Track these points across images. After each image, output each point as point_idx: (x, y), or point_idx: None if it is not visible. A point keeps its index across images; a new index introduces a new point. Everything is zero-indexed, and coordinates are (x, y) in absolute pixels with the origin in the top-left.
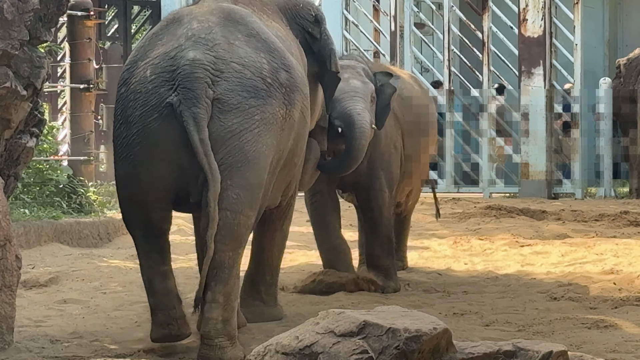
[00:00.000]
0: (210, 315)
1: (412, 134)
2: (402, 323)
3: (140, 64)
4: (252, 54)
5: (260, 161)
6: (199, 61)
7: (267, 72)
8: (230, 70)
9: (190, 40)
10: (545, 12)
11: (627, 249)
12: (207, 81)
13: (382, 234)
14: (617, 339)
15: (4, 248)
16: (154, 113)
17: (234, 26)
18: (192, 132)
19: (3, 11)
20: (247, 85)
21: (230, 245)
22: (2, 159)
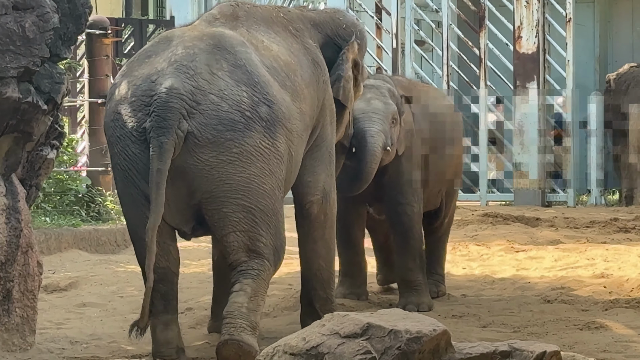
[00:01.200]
0: (236, 300)
1: (440, 149)
2: (404, 325)
3: (125, 81)
4: (232, 86)
5: (251, 187)
6: (176, 90)
7: (246, 105)
8: (208, 102)
9: (172, 67)
10: (538, 29)
11: (617, 254)
12: (182, 112)
13: (414, 247)
14: (608, 340)
15: (26, 254)
16: (132, 136)
17: (221, 54)
18: (154, 160)
19: (25, 30)
20: (223, 118)
21: (251, 256)
22: (24, 170)
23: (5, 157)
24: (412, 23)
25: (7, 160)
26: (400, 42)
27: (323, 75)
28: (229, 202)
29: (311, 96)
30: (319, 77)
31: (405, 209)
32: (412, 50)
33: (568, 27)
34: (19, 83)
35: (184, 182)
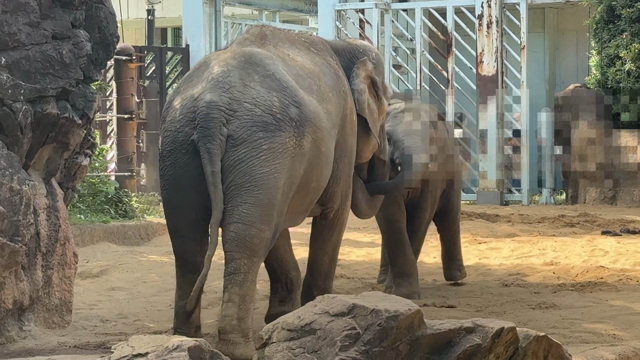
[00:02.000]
0: (227, 313)
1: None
2: (384, 305)
3: (173, 104)
4: (264, 93)
5: (269, 182)
6: (214, 103)
7: (277, 108)
8: (243, 109)
9: (210, 83)
10: (497, 55)
11: (564, 245)
12: (222, 120)
13: (416, 245)
14: (556, 317)
15: (64, 246)
16: (181, 149)
17: (252, 68)
18: (206, 165)
19: (62, 56)
20: (257, 121)
21: (245, 254)
22: (62, 175)
23: (46, 164)
24: (391, 50)
25: (48, 166)
26: None
27: (343, 86)
28: (245, 193)
29: (335, 100)
30: (340, 87)
31: (421, 213)
32: (390, 73)
33: (522, 53)
34: (58, 101)
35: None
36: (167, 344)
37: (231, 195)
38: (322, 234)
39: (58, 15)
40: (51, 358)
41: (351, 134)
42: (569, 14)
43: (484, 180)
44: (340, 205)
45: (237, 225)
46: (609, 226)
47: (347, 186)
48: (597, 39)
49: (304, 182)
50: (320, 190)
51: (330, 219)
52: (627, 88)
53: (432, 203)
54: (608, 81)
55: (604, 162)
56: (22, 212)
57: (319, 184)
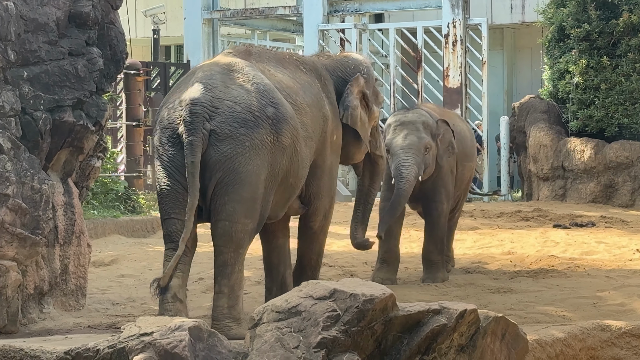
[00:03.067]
0: (218, 304)
1: (463, 160)
2: (361, 290)
3: (165, 106)
4: (244, 94)
5: (252, 179)
6: (197, 100)
7: (255, 107)
8: (224, 106)
9: (194, 86)
10: (461, 70)
11: (520, 237)
12: (204, 116)
13: (438, 236)
14: (513, 301)
15: (79, 238)
16: (169, 141)
17: (234, 73)
18: (187, 155)
19: (78, 70)
20: (237, 117)
21: (231, 248)
22: (77, 175)
23: (63, 165)
24: None
25: (65, 168)
26: None
27: (324, 108)
28: (232, 192)
29: (313, 115)
30: (320, 107)
31: (437, 205)
32: None
33: (484, 68)
34: (73, 110)
35: (207, 172)
36: (170, 324)
37: (219, 193)
38: (309, 237)
39: (74, 34)
40: (68, 337)
41: (332, 153)
42: (525, 33)
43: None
44: (323, 217)
45: (224, 222)
46: (559, 220)
47: (328, 201)
48: (549, 56)
49: (284, 176)
50: (297, 189)
51: (316, 229)
52: (575, 99)
53: (447, 196)
54: (559, 93)
55: (555, 164)
56: (42, 208)
57: (296, 182)
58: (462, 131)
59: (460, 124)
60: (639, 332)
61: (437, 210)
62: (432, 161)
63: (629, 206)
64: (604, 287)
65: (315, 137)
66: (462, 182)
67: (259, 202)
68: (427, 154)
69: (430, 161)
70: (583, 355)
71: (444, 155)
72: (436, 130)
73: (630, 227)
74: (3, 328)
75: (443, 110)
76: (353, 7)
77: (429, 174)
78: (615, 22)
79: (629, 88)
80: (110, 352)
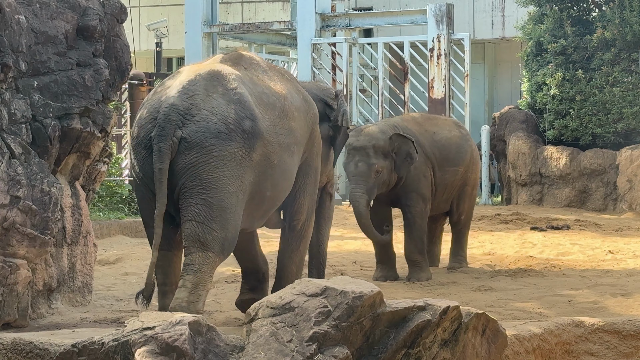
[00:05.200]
0: (178, 296)
1: (444, 166)
2: (351, 287)
3: (146, 104)
4: (223, 104)
5: (217, 186)
6: (175, 106)
7: (231, 119)
8: (200, 115)
9: (176, 89)
10: (445, 82)
11: (500, 238)
12: (177, 123)
13: (415, 236)
14: (493, 298)
15: (86, 238)
16: (142, 144)
17: (218, 81)
18: (155, 162)
19: (85, 80)
20: (211, 128)
21: (198, 248)
22: (84, 179)
23: (71, 169)
24: (357, 77)
25: (72, 172)
26: (349, 90)
27: (312, 110)
28: (196, 195)
29: (302, 119)
30: (308, 110)
31: (409, 208)
32: (357, 96)
33: (466, 80)
34: (81, 118)
35: (174, 178)
36: (171, 319)
37: (184, 197)
38: (290, 245)
39: (81, 46)
40: (75, 331)
41: (318, 155)
42: (505, 47)
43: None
44: (307, 217)
45: (190, 223)
46: (536, 223)
47: (312, 201)
48: (527, 69)
49: (256, 190)
50: (278, 200)
51: (298, 230)
52: (552, 109)
53: (420, 199)
54: (536, 104)
55: (533, 170)
56: (51, 209)
57: (276, 194)
58: (442, 139)
59: (444, 131)
60: (611, 328)
61: (411, 213)
62: (388, 177)
63: (601, 210)
64: (578, 285)
65: (303, 140)
66: (451, 187)
67: (229, 212)
68: (378, 176)
69: (386, 178)
70: (558, 350)
71: (402, 166)
72: (389, 146)
73: (603, 230)
74: (14, 322)
75: (428, 118)
76: (344, 22)
77: (390, 187)
78: (589, 37)
79: (602, 100)
80: (114, 345)
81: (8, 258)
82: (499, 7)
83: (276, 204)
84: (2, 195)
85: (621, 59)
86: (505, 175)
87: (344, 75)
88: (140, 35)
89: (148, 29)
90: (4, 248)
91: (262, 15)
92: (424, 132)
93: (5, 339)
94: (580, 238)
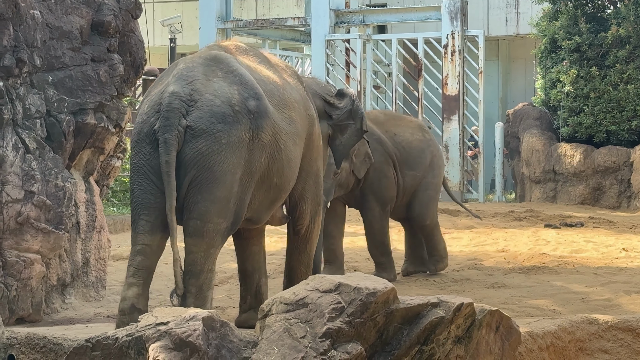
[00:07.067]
0: (184, 304)
1: (403, 169)
2: (364, 283)
3: (146, 99)
4: (225, 87)
5: (226, 178)
6: (176, 93)
7: (236, 100)
8: (203, 100)
9: (175, 77)
10: (459, 78)
11: (513, 235)
12: (182, 111)
13: (374, 239)
14: (506, 295)
15: (100, 233)
16: (146, 138)
17: (216, 65)
18: (162, 154)
19: (99, 76)
20: (216, 112)
21: (202, 247)
22: (98, 174)
23: (85, 165)
24: (371, 73)
25: (87, 167)
26: (362, 87)
27: (310, 110)
28: (205, 190)
29: (300, 112)
30: (307, 108)
31: (367, 212)
32: (371, 92)
33: (480, 77)
34: (95, 113)
35: (182, 169)
36: (184, 315)
37: (192, 192)
38: (297, 248)
39: (96, 42)
40: (88, 325)
41: (318, 158)
42: (519, 44)
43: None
44: (311, 221)
45: (196, 221)
46: (550, 220)
47: (316, 205)
48: (541, 66)
49: (265, 175)
50: (283, 190)
51: (302, 234)
52: (566, 106)
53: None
54: (550, 101)
55: (547, 167)
56: (65, 204)
57: (282, 183)
58: (402, 141)
59: (406, 133)
60: (624, 326)
61: (368, 216)
62: (347, 178)
63: (615, 208)
64: (592, 283)
65: (303, 135)
66: (409, 192)
67: (233, 202)
68: (336, 176)
69: (345, 179)
70: (572, 347)
71: (362, 167)
72: None
73: (617, 227)
74: (28, 317)
75: (392, 117)
76: (358, 18)
77: (349, 187)
78: (604, 34)
79: (616, 97)
80: (128, 340)
81: (22, 253)
82: (514, 4)
83: (282, 195)
84: (16, 190)
85: (636, 56)
86: (519, 173)
87: (357, 71)
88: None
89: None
90: (18, 243)
91: (276, 11)
92: (384, 132)
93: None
94: (594, 235)
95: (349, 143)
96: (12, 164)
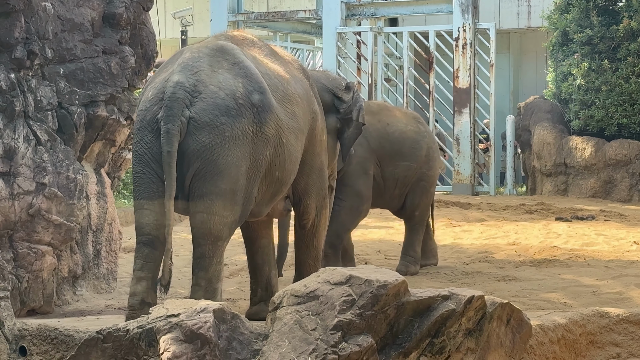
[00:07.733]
0: (194, 297)
1: (394, 160)
2: (375, 276)
3: (149, 86)
4: (230, 79)
5: (231, 171)
6: (181, 83)
7: (240, 94)
8: (208, 91)
9: (180, 66)
10: (470, 71)
11: (524, 228)
12: (185, 102)
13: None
14: (517, 288)
15: (111, 225)
16: (148, 127)
17: (222, 56)
18: (164, 144)
19: (111, 68)
20: (220, 104)
21: (209, 240)
22: (109, 166)
23: (97, 157)
24: (382, 66)
25: (98, 159)
26: (374, 79)
27: (313, 105)
28: (209, 184)
29: (304, 107)
30: (310, 104)
31: (339, 202)
32: (382, 85)
33: (491, 70)
34: (106, 105)
35: (185, 162)
36: (195, 307)
37: (197, 185)
38: (304, 242)
39: (107, 34)
40: (99, 317)
41: (321, 152)
42: (530, 37)
43: (458, 174)
44: (316, 215)
45: (202, 215)
46: (561, 213)
47: (321, 198)
48: (553, 59)
49: (268, 168)
50: (284, 185)
51: (308, 228)
52: (577, 100)
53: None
54: (562, 94)
55: (558, 160)
56: (77, 196)
57: (283, 176)
58: (395, 132)
59: (399, 124)
60: (635, 319)
61: (339, 206)
62: None
63: (626, 201)
64: (603, 276)
65: (305, 130)
66: (402, 183)
67: (239, 194)
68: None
69: None
70: (583, 340)
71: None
72: None
73: (628, 220)
74: (39, 309)
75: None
76: (369, 11)
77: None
78: (615, 27)
79: (628, 90)
80: (139, 332)
81: (33, 245)
82: None
83: (282, 189)
84: (27, 181)
85: None
86: (530, 166)
87: (369, 64)
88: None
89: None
90: (29, 235)
91: (287, 3)
92: (376, 122)
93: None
94: (605, 229)
95: (352, 136)
96: (23, 155)
